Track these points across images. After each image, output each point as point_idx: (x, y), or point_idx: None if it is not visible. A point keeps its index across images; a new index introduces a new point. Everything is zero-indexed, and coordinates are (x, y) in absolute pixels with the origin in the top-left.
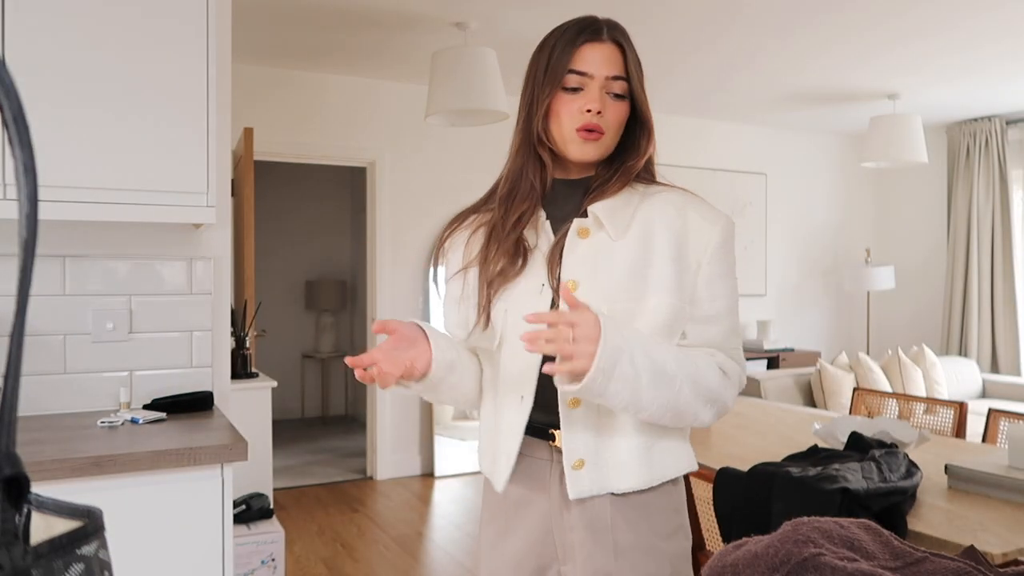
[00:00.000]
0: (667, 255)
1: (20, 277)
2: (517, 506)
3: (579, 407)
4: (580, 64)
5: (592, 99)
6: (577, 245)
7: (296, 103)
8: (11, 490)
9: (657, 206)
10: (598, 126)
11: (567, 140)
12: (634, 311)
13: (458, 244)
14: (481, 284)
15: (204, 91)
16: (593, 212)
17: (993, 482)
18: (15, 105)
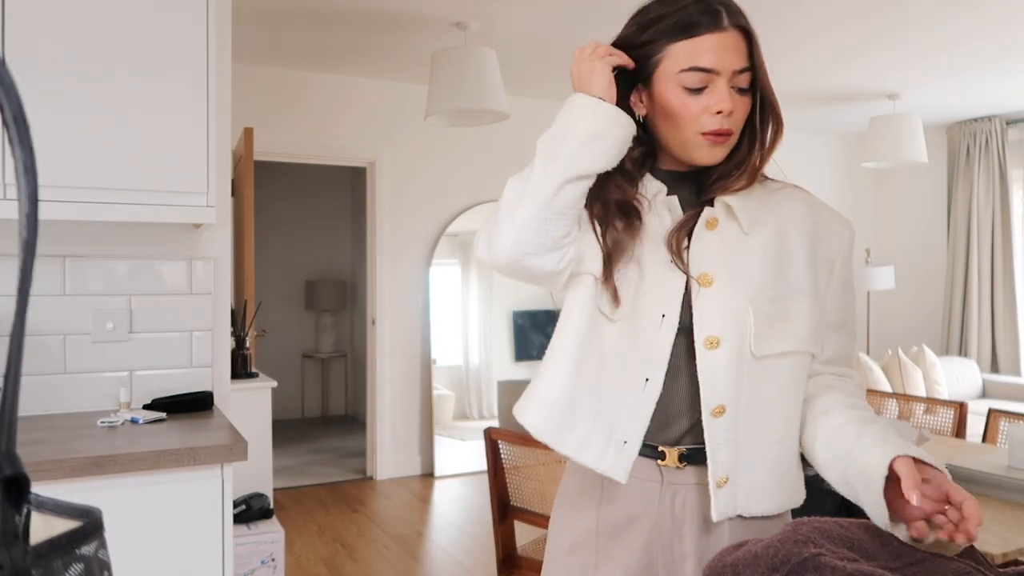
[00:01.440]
0: (804, 255)
1: (20, 277)
2: (612, 533)
3: (723, 416)
4: (705, 60)
5: (722, 99)
6: (704, 236)
7: (296, 103)
8: (11, 490)
9: (788, 203)
10: (730, 130)
11: (690, 145)
12: (778, 314)
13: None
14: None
15: (204, 91)
16: (724, 201)
17: (993, 482)
18: (15, 105)
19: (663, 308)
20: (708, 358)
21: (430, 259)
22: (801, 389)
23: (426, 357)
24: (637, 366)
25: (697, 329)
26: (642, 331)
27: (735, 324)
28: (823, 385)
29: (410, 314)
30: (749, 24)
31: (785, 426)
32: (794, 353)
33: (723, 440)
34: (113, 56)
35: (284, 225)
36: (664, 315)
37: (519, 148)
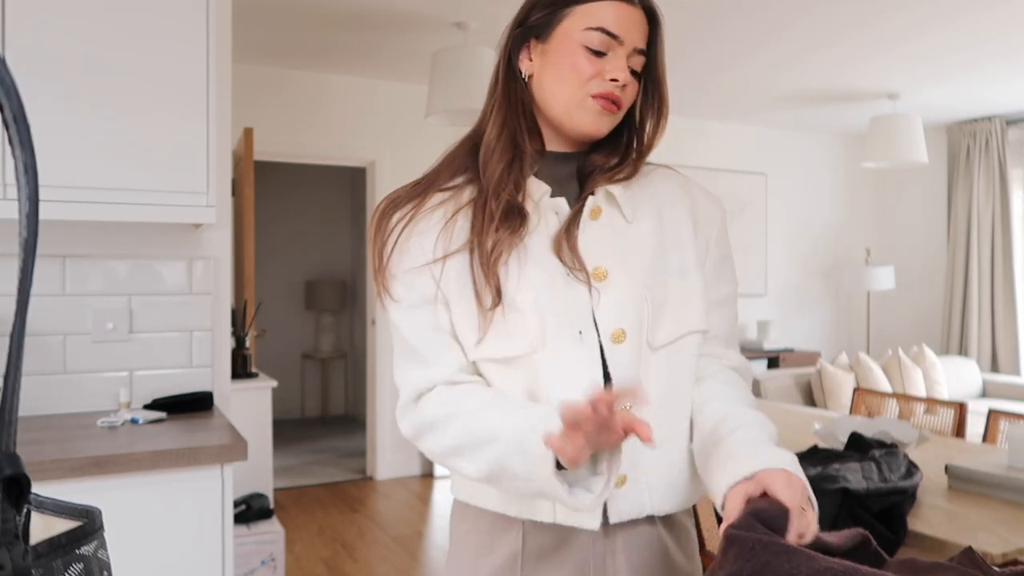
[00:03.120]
0: (685, 236)
1: (20, 277)
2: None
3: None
4: (611, 23)
5: (620, 68)
6: (590, 227)
7: (296, 103)
8: (12, 490)
9: (661, 184)
10: (620, 99)
11: (575, 106)
12: (670, 299)
13: (424, 231)
14: (478, 271)
15: (204, 91)
16: (606, 190)
17: (993, 482)
18: (15, 105)
19: (577, 324)
20: (616, 353)
21: None
22: (694, 374)
23: None
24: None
25: (601, 325)
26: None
27: (634, 315)
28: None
29: None
30: (657, 10)
31: (684, 417)
32: (689, 334)
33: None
34: (113, 56)
35: (284, 225)
36: (581, 331)
37: None
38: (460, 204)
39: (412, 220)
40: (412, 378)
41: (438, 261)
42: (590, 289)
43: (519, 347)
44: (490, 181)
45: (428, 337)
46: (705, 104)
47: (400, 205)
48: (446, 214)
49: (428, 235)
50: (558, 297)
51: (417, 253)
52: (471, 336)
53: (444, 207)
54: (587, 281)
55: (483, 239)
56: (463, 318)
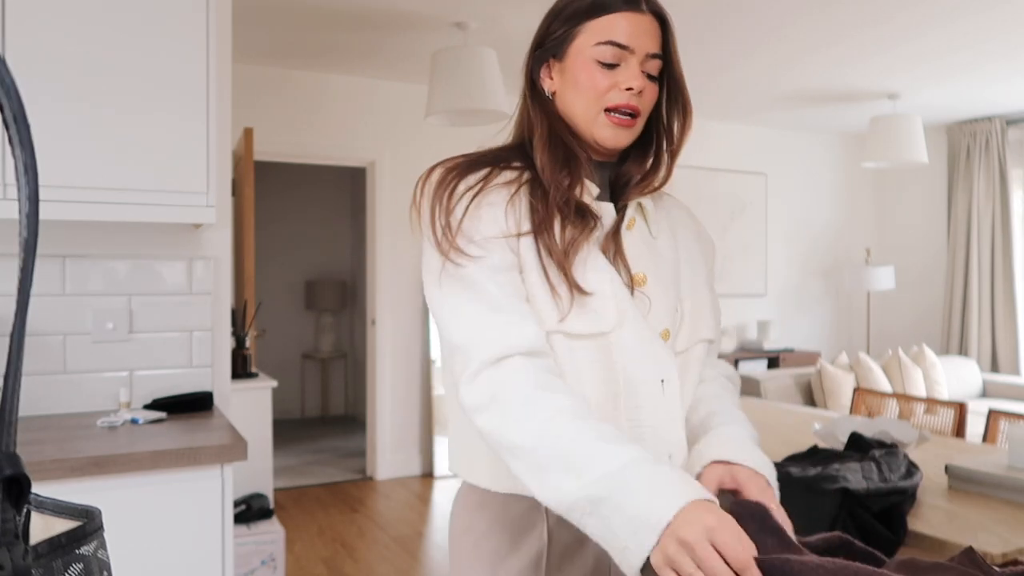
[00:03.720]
0: (696, 252)
1: (20, 277)
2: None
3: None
4: (620, 35)
5: (634, 76)
6: (627, 236)
7: (296, 103)
8: (12, 490)
9: (672, 208)
10: (637, 107)
11: (592, 122)
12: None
13: (494, 203)
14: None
15: (204, 91)
16: (641, 203)
17: (993, 482)
18: (15, 105)
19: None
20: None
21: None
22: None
23: (426, 357)
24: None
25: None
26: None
27: (670, 322)
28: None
29: (410, 314)
30: (666, 13)
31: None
32: (700, 343)
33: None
34: (113, 56)
35: (284, 225)
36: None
37: None
38: (521, 184)
39: (481, 192)
40: (492, 337)
41: (514, 237)
42: (632, 291)
43: (601, 325)
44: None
45: (512, 299)
46: (705, 104)
47: (463, 176)
48: (510, 191)
49: (498, 207)
50: (616, 297)
51: (490, 223)
52: (551, 313)
53: (508, 186)
54: (630, 285)
55: (551, 231)
56: (537, 292)
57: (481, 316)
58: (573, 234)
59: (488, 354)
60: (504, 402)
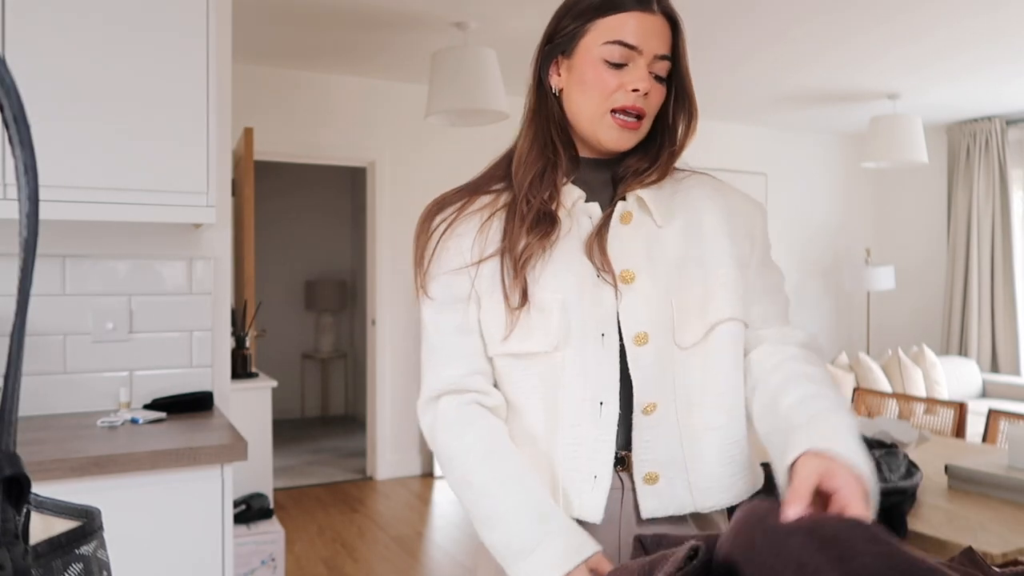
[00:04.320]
0: (718, 229)
1: (20, 277)
2: None
3: (654, 412)
4: (628, 35)
5: (641, 78)
6: (620, 231)
7: (296, 103)
8: (12, 490)
9: (694, 189)
10: (642, 109)
11: (597, 122)
12: (700, 297)
13: (462, 233)
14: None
15: (204, 91)
16: (637, 195)
17: (993, 482)
18: (16, 104)
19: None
20: (639, 355)
21: None
22: (738, 364)
23: None
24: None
25: (625, 328)
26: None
27: (660, 318)
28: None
29: (410, 314)
30: (677, 15)
31: (727, 409)
32: (720, 324)
33: (652, 437)
34: (113, 56)
35: (284, 225)
36: (604, 333)
37: None
38: (496, 209)
39: (453, 224)
40: (429, 378)
41: (474, 265)
42: (616, 291)
43: (542, 344)
44: (521, 189)
45: (448, 339)
46: (706, 104)
47: (443, 208)
48: (482, 218)
49: (466, 238)
50: (585, 299)
51: (455, 255)
52: (497, 332)
53: (482, 212)
54: (614, 283)
55: (514, 243)
56: (491, 315)
57: (425, 356)
58: (528, 241)
59: (425, 393)
60: (435, 445)
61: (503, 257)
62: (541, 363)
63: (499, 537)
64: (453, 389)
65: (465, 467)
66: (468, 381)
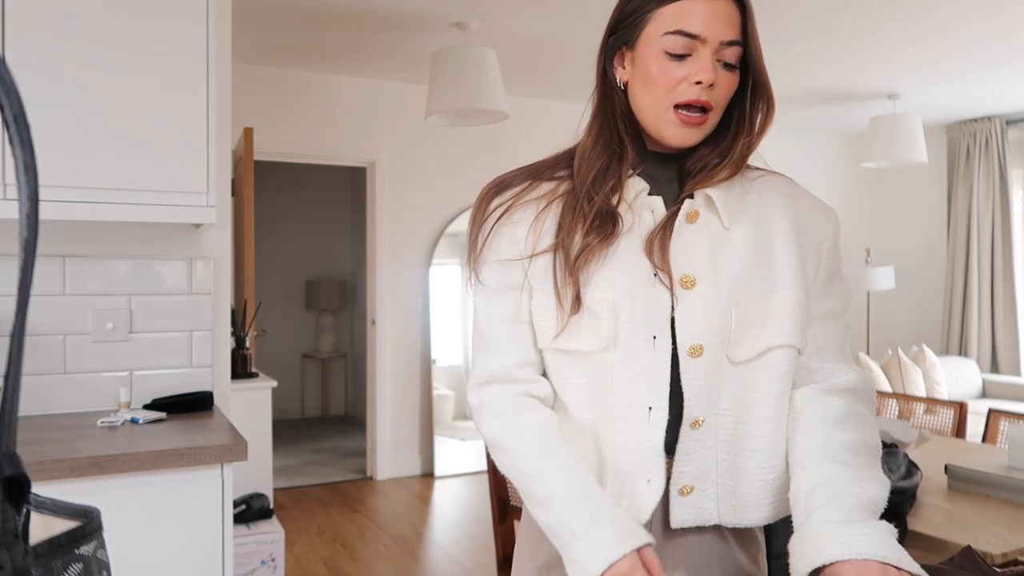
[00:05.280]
0: (787, 245)
1: (20, 277)
2: None
3: (700, 427)
4: (690, 23)
5: (704, 68)
6: (684, 232)
7: (296, 103)
8: (12, 490)
9: (767, 192)
10: (708, 102)
11: (660, 118)
12: (759, 313)
13: (517, 221)
14: (559, 270)
15: (204, 91)
16: (706, 193)
17: (993, 482)
18: (16, 104)
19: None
20: (692, 367)
21: (430, 259)
22: (786, 390)
23: (426, 357)
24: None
25: (680, 337)
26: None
27: (718, 330)
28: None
29: (410, 314)
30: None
31: (770, 433)
32: (776, 348)
33: (694, 450)
34: (113, 56)
35: (284, 225)
36: (656, 336)
37: (519, 148)
38: (554, 197)
39: (509, 209)
40: (479, 363)
41: (527, 258)
42: (672, 296)
43: (590, 344)
44: (583, 185)
45: (497, 327)
46: None
47: (502, 191)
48: (539, 207)
49: (521, 226)
50: (639, 299)
51: (509, 243)
52: (547, 326)
53: (539, 201)
54: (670, 286)
55: (570, 240)
56: (542, 308)
57: (476, 341)
58: (587, 241)
59: (475, 379)
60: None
61: (556, 253)
62: (590, 362)
63: (555, 517)
64: (503, 378)
65: (516, 454)
66: (518, 372)
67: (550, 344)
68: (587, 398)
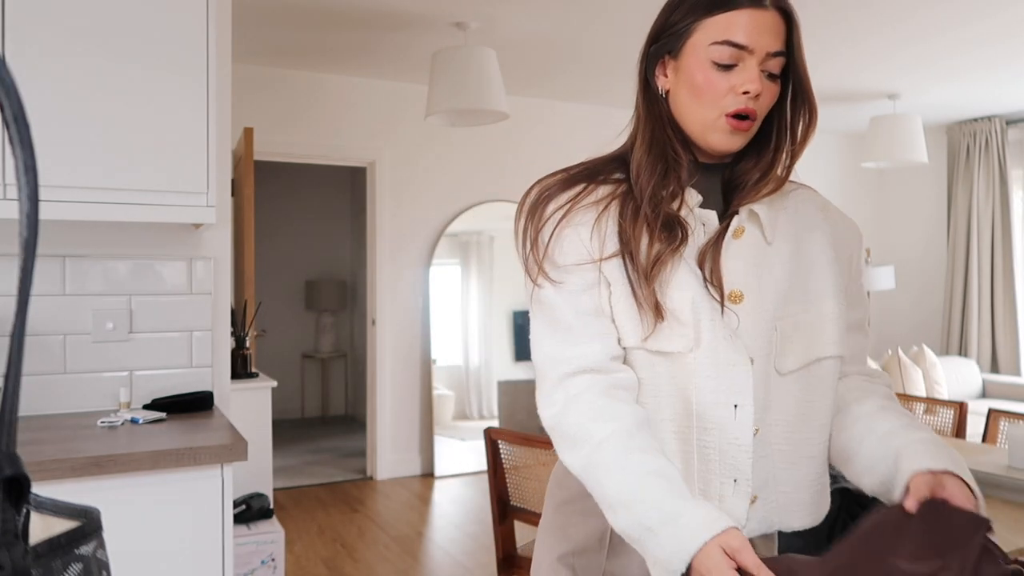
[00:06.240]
0: (826, 258)
1: (21, 277)
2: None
3: (757, 435)
4: (739, 34)
5: (751, 79)
6: (732, 246)
7: (296, 103)
8: (12, 490)
9: (802, 205)
10: (754, 111)
11: (709, 126)
12: (804, 325)
13: (579, 223)
14: (636, 280)
15: (204, 91)
16: (752, 210)
17: (993, 482)
18: (16, 104)
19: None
20: None
21: (430, 259)
22: (832, 397)
23: (426, 357)
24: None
25: None
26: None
27: (764, 343)
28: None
29: (410, 314)
30: (791, 8)
31: (819, 440)
32: (824, 359)
33: (755, 459)
34: (113, 56)
35: (284, 225)
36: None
37: (519, 148)
38: (612, 200)
39: (568, 213)
40: (564, 356)
41: (596, 262)
42: (723, 309)
43: (679, 346)
44: (643, 192)
45: (585, 319)
46: None
47: (554, 196)
48: (598, 210)
49: (583, 228)
50: (698, 311)
51: (576, 245)
52: (632, 327)
53: (597, 204)
54: (721, 300)
55: (637, 247)
56: (622, 308)
57: (551, 337)
58: (659, 250)
59: (558, 373)
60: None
61: (624, 258)
62: (674, 362)
63: (635, 515)
64: (593, 368)
65: (603, 449)
66: (608, 364)
67: (639, 344)
68: (668, 396)
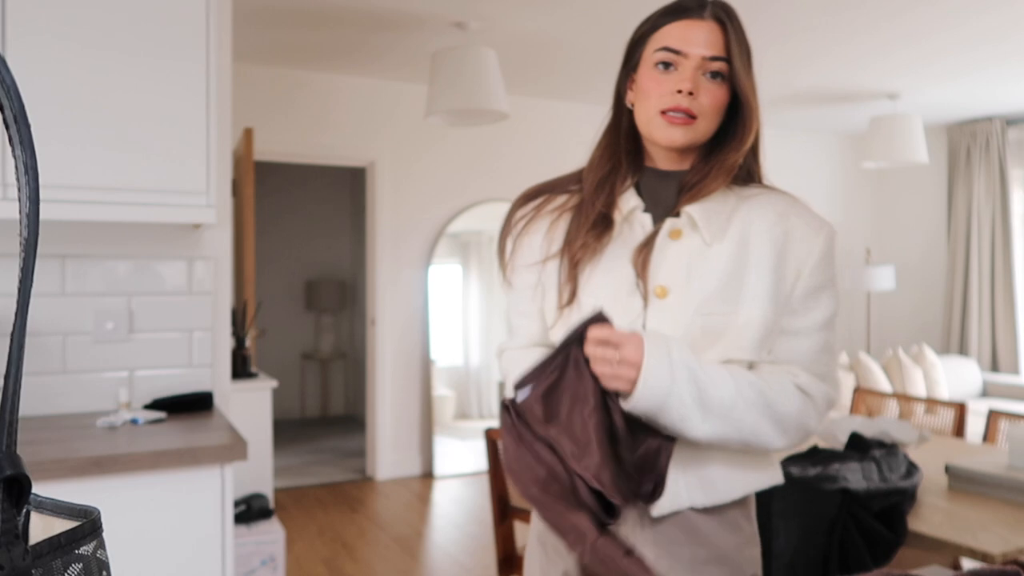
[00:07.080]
0: (765, 264)
1: (21, 277)
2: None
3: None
4: (673, 41)
5: (684, 79)
6: (668, 247)
7: (296, 103)
8: (12, 490)
9: (756, 210)
10: (689, 109)
11: (651, 122)
12: (725, 324)
13: (534, 231)
14: (564, 269)
15: (204, 91)
16: (688, 213)
17: (993, 482)
18: (16, 105)
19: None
20: None
21: (430, 259)
22: None
23: (426, 357)
24: None
25: None
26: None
27: (683, 336)
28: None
29: (410, 314)
30: (729, 20)
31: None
32: (735, 361)
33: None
34: (113, 56)
35: (284, 225)
36: None
37: (519, 148)
38: (565, 209)
39: (529, 222)
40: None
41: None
42: (645, 304)
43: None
44: (587, 192)
45: (516, 321)
46: None
47: (525, 204)
48: (552, 218)
49: (538, 235)
50: (618, 306)
51: (528, 251)
52: (551, 320)
53: (552, 213)
54: (644, 295)
55: (573, 240)
56: (550, 305)
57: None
58: (585, 240)
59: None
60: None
61: (562, 256)
62: None
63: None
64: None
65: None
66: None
67: (548, 337)
68: None
